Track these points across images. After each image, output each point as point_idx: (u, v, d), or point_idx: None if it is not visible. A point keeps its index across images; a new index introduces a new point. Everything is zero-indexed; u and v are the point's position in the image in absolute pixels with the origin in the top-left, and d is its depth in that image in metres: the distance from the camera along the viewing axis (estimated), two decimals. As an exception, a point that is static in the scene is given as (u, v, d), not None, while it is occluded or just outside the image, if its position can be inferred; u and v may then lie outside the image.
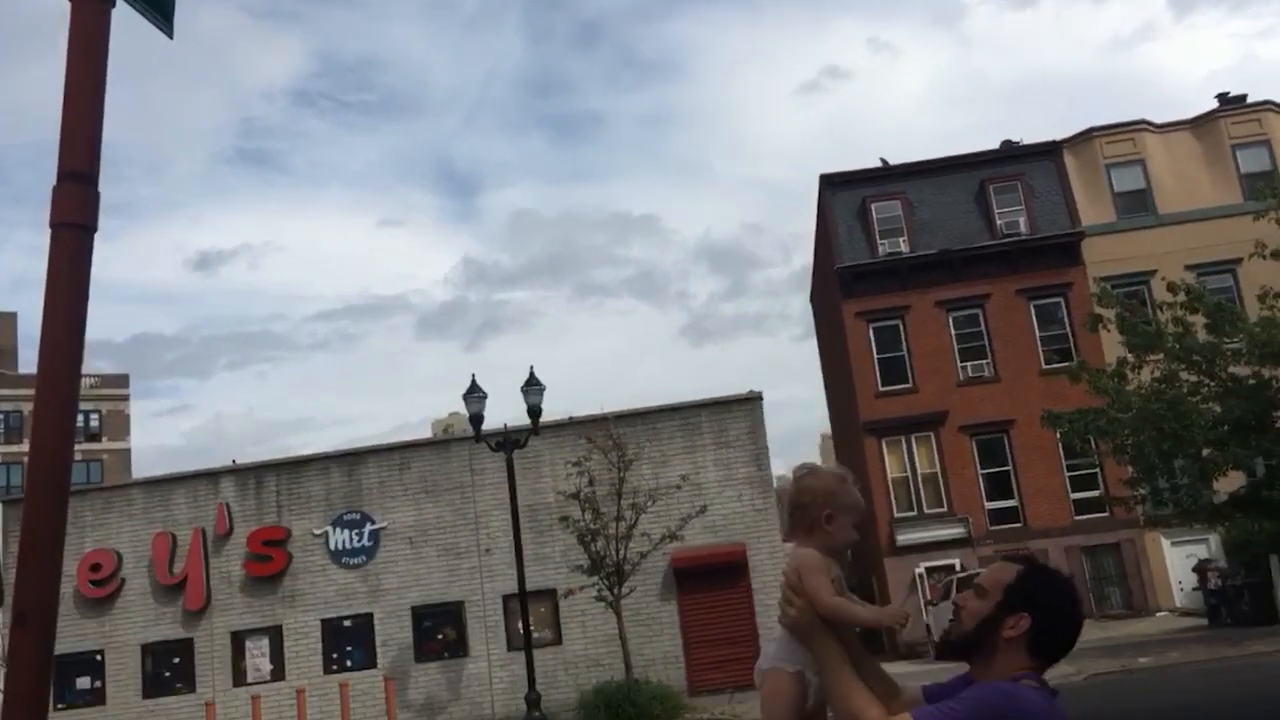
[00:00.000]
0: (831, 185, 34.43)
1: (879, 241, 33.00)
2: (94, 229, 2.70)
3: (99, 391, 57.55)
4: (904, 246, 32.80)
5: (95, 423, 56.97)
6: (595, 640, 23.15)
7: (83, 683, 24.16)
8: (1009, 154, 34.29)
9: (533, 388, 21.71)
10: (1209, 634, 22.79)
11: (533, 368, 22.16)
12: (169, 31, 2.96)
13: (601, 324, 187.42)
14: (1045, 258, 32.04)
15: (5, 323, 61.86)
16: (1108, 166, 32.93)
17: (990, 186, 32.94)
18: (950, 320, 32.26)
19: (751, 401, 25.23)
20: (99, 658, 24.27)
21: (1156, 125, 33.58)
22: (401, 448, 25.99)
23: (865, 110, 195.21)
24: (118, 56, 2.75)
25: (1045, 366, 30.74)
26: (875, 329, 32.48)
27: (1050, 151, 33.66)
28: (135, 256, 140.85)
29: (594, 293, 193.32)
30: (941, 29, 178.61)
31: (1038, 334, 31.80)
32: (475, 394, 21.66)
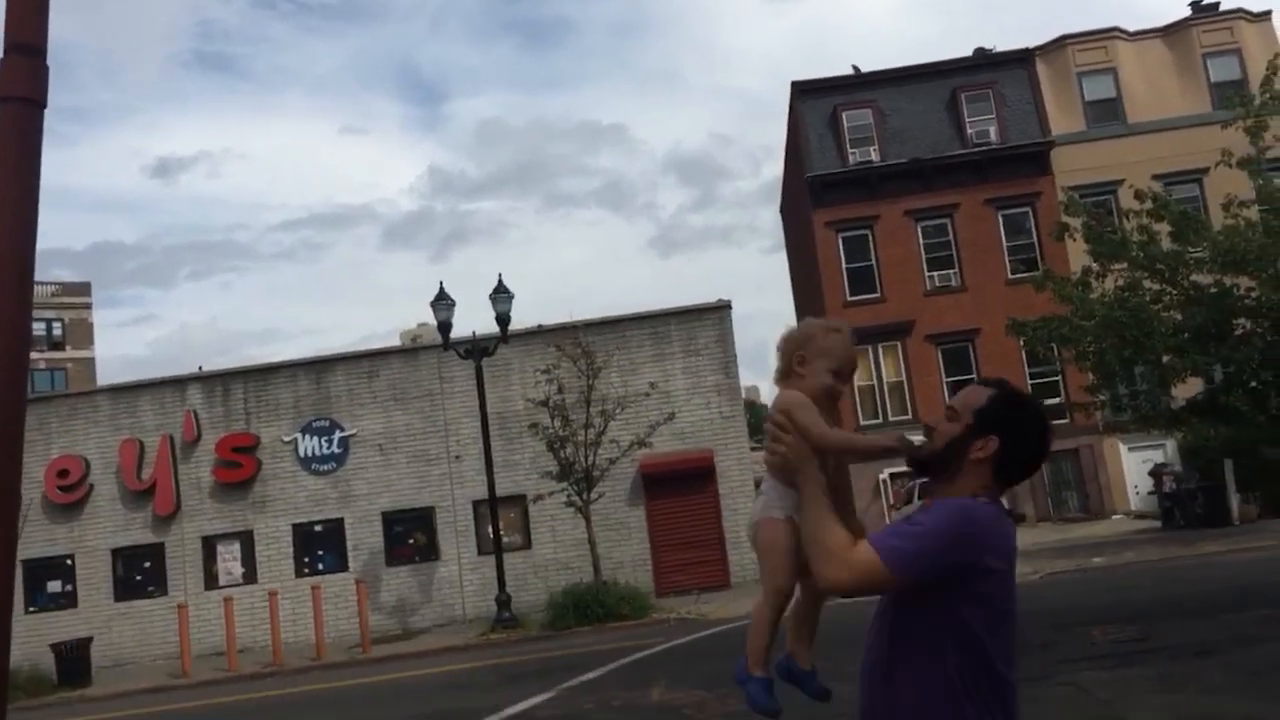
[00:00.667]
0: (803, 93, 34.11)
1: (849, 150, 32.85)
2: (43, 105, 2.64)
3: (60, 300, 56.71)
4: (874, 155, 32.68)
5: (58, 331, 56.26)
6: (565, 544, 23.52)
7: (54, 586, 24.33)
8: (982, 61, 34.04)
9: (501, 295, 21.68)
10: (1162, 535, 23.47)
11: (501, 275, 22.13)
12: None
13: (570, 235, 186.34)
14: (1015, 167, 32.05)
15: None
16: (1079, 75, 32.79)
17: (962, 95, 32.76)
18: (919, 230, 32.35)
19: (720, 310, 25.31)
20: (69, 562, 24.41)
21: (1129, 33, 33.36)
22: (370, 355, 25.95)
23: (838, 17, 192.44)
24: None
25: (1011, 276, 30.98)
26: (844, 239, 32.53)
27: (1023, 60, 33.43)
28: (92, 163, 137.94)
29: (562, 203, 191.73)
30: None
31: (1004, 244, 31.97)
32: (443, 301, 21.61)
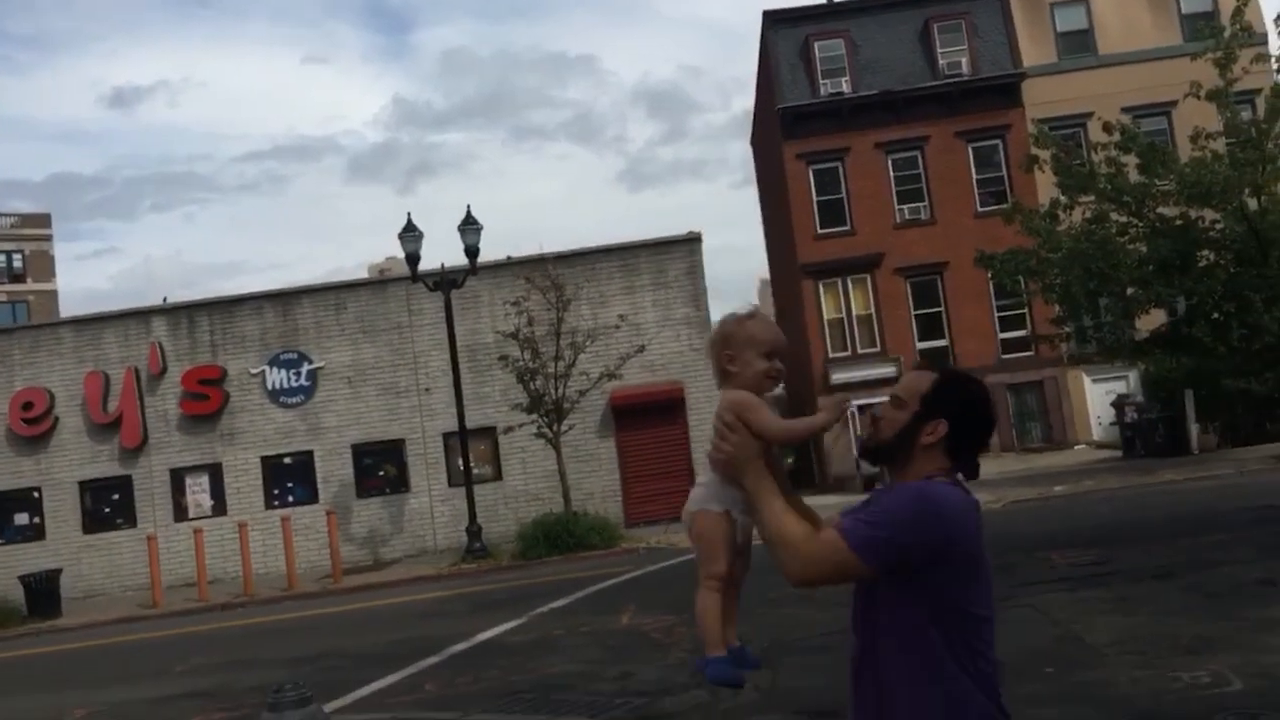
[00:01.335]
0: (774, 23, 33.67)
1: (821, 81, 32.56)
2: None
3: (20, 231, 55.69)
4: (846, 87, 32.41)
5: (19, 263, 55.33)
6: (535, 476, 23.64)
7: (21, 519, 24.26)
8: (955, -9, 33.64)
9: (470, 227, 21.48)
10: (1123, 465, 23.91)
11: (469, 207, 21.91)
12: None
13: (539, 168, 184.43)
14: (985, 99, 31.92)
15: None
16: (1052, 6, 32.57)
17: (934, 25, 32.45)
18: (889, 162, 32.25)
19: (690, 242, 25.24)
20: (36, 494, 24.30)
21: (1103, -36, 33.06)
22: (337, 288, 25.74)
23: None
24: None
25: (980, 209, 31.00)
26: (815, 171, 32.38)
27: (997, -12, 33.09)
28: (48, 92, 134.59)
29: (530, 136, 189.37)
30: None
31: (974, 177, 31.95)
32: (411, 233, 21.39)
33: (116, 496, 24.34)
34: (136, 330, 24.87)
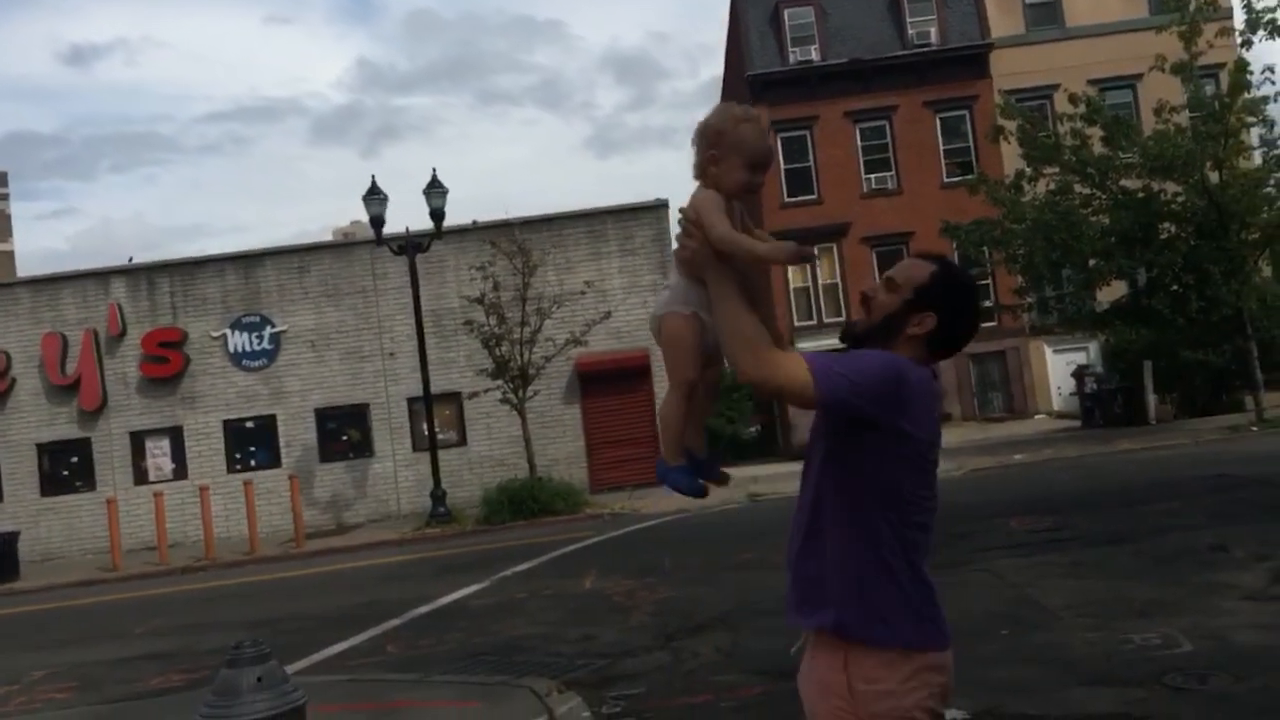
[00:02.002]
0: (745, -13, 33.50)
1: (790, 49, 32.49)
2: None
3: (-25, 190, 54.63)
4: (815, 55, 32.36)
5: (-27, 223, 54.30)
6: (500, 441, 23.62)
7: (-23, 482, 23.93)
8: (925, -40, 33.58)
9: (435, 190, 21.27)
10: (1082, 434, 24.23)
11: (435, 170, 21.72)
12: None
13: (506, 133, 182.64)
14: (953, 69, 31.98)
15: None
16: (1022, -24, 32.62)
17: (904, -6, 32.42)
18: (857, 131, 32.29)
19: (657, 209, 25.16)
20: (-7, 457, 23.99)
21: (1072, -65, 33.11)
22: (300, 250, 25.43)
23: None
24: None
25: (947, 179, 31.16)
26: (783, 139, 32.33)
27: (966, -41, 33.07)
28: (3, 48, 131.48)
29: (497, 100, 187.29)
30: None
31: (941, 147, 32.08)
32: (376, 196, 21.17)
33: (75, 459, 24.05)
34: (95, 291, 24.49)
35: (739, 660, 7.21)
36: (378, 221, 21.23)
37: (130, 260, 25.74)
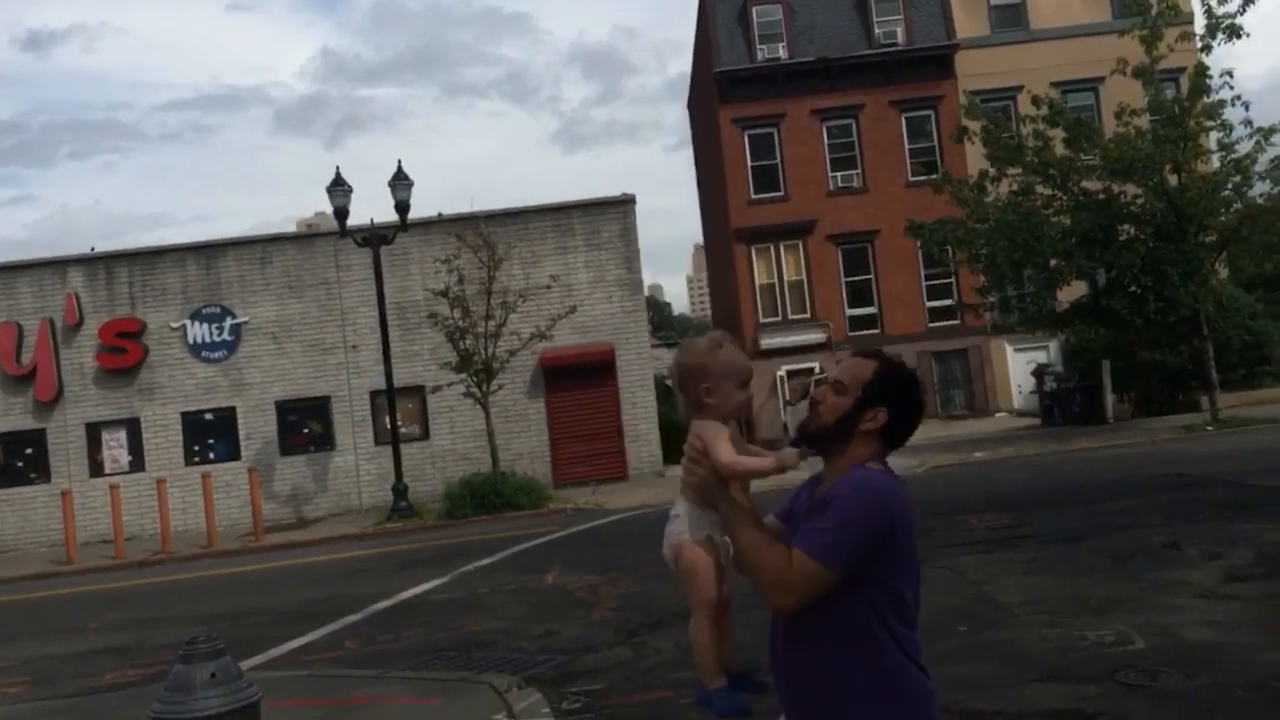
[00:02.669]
0: (713, -16, 33.52)
1: (758, 47, 32.57)
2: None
3: (-72, 176, 53.58)
4: (783, 53, 32.47)
5: (-74, 209, 53.28)
6: (463, 435, 23.51)
7: (-71, 472, 23.51)
8: (892, -40, 33.75)
9: (400, 182, 21.12)
10: (1041, 432, 24.51)
11: (400, 161, 21.54)
12: None
13: (472, 126, 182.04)
14: (919, 70, 32.19)
15: None
16: (987, -22, 32.88)
17: (871, -6, 32.59)
18: (824, 130, 32.44)
19: (624, 204, 25.13)
20: (-54, 448, 23.56)
21: (1037, -62, 33.41)
22: (263, 241, 25.18)
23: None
24: None
25: (911, 179, 31.36)
26: (750, 136, 32.45)
27: (933, -41, 33.28)
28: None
29: (463, 93, 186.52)
30: None
31: (906, 146, 32.29)
32: (340, 187, 20.98)
33: (30, 450, 23.64)
34: (52, 280, 24.11)
35: (699, 656, 7.22)
36: (342, 213, 21.05)
37: (92, 250, 25.33)
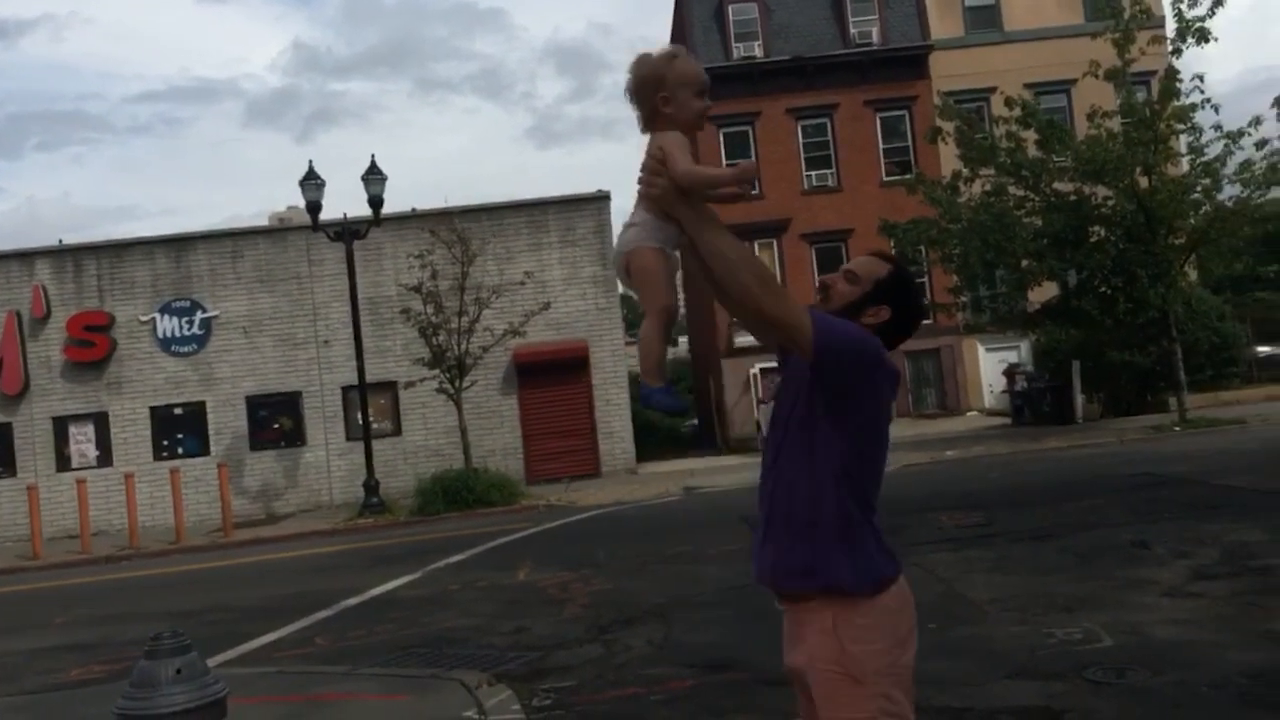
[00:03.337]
0: (690, -18, 33.54)
1: (734, 45, 32.61)
2: None
3: (-107, 165, 52.80)
4: (758, 51, 32.52)
5: (-110, 199, 52.49)
6: (435, 431, 23.42)
7: (-108, 466, 23.17)
8: (868, -40, 33.88)
9: (374, 176, 21.00)
10: (1012, 432, 24.68)
11: (374, 156, 21.42)
12: None
13: (445, 121, 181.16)
14: (894, 70, 32.33)
15: None
16: (962, -21, 33.08)
17: (847, -7, 32.70)
18: (799, 129, 32.51)
19: (599, 201, 25.12)
20: (-92, 441, 23.23)
21: (1012, -60, 33.63)
22: (234, 235, 24.99)
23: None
24: None
25: (886, 178, 31.49)
26: (725, 134, 32.45)
27: (908, -40, 33.43)
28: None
29: (437, 88, 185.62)
30: None
31: (880, 146, 32.42)
32: (312, 181, 20.84)
33: (-5, 444, 23.40)
34: (19, 272, 23.83)
35: (670, 653, 7.22)
36: (314, 207, 20.92)
37: (60, 242, 25.05)
